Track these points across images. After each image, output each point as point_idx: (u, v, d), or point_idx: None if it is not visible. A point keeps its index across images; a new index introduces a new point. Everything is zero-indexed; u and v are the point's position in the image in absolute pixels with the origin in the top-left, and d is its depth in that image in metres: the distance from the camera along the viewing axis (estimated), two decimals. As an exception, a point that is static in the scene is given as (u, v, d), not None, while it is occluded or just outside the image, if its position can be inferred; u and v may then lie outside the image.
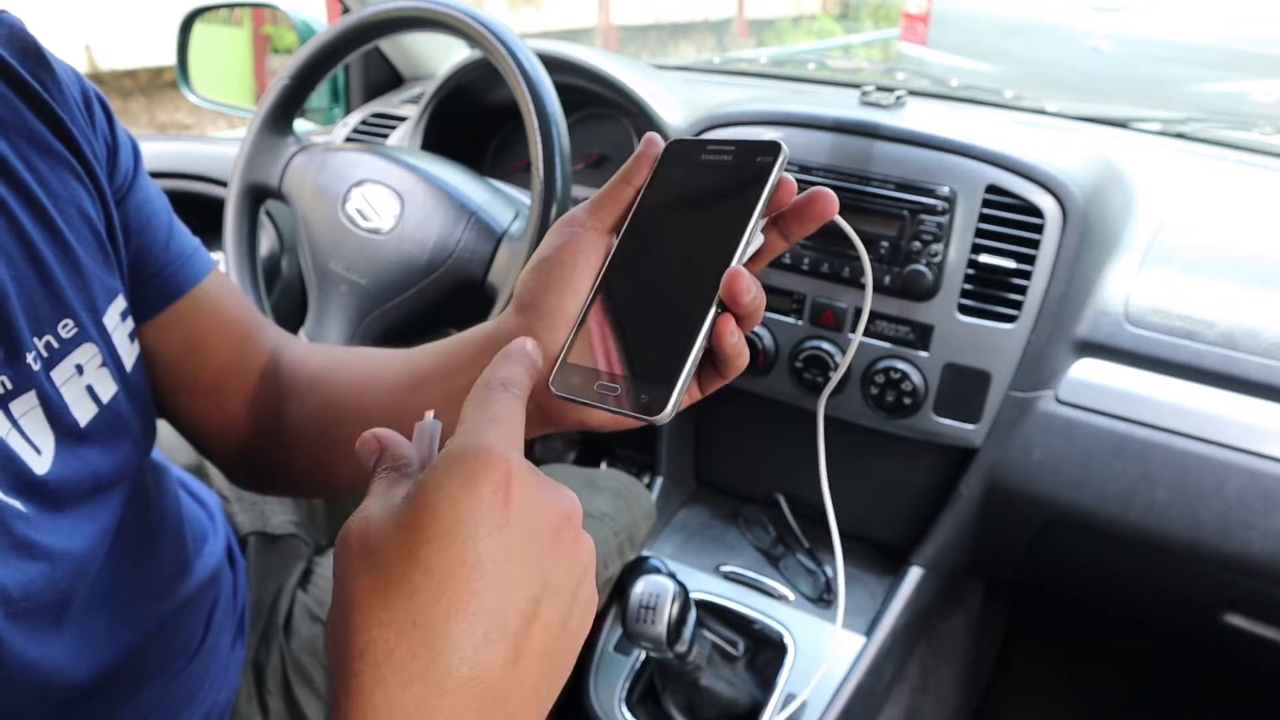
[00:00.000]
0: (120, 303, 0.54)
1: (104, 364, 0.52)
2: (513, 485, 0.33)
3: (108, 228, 0.54)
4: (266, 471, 0.66)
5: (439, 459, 0.34)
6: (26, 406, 0.46)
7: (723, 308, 0.41)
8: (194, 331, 0.61)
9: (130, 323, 0.55)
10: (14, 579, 0.44)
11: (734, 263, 0.41)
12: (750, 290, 0.40)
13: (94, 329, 0.51)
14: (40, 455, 0.47)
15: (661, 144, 0.47)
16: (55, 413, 0.48)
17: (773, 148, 0.42)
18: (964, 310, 0.91)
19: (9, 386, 0.45)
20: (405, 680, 0.30)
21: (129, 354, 0.54)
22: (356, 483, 0.65)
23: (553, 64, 0.95)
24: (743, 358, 0.43)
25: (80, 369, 0.50)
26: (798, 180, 0.93)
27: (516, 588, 0.32)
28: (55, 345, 0.48)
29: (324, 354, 0.66)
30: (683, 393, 0.40)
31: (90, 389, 0.51)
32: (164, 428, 0.88)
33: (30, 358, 0.47)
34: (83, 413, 0.50)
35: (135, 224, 0.57)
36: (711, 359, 0.43)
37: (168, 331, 0.60)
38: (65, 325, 0.49)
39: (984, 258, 0.89)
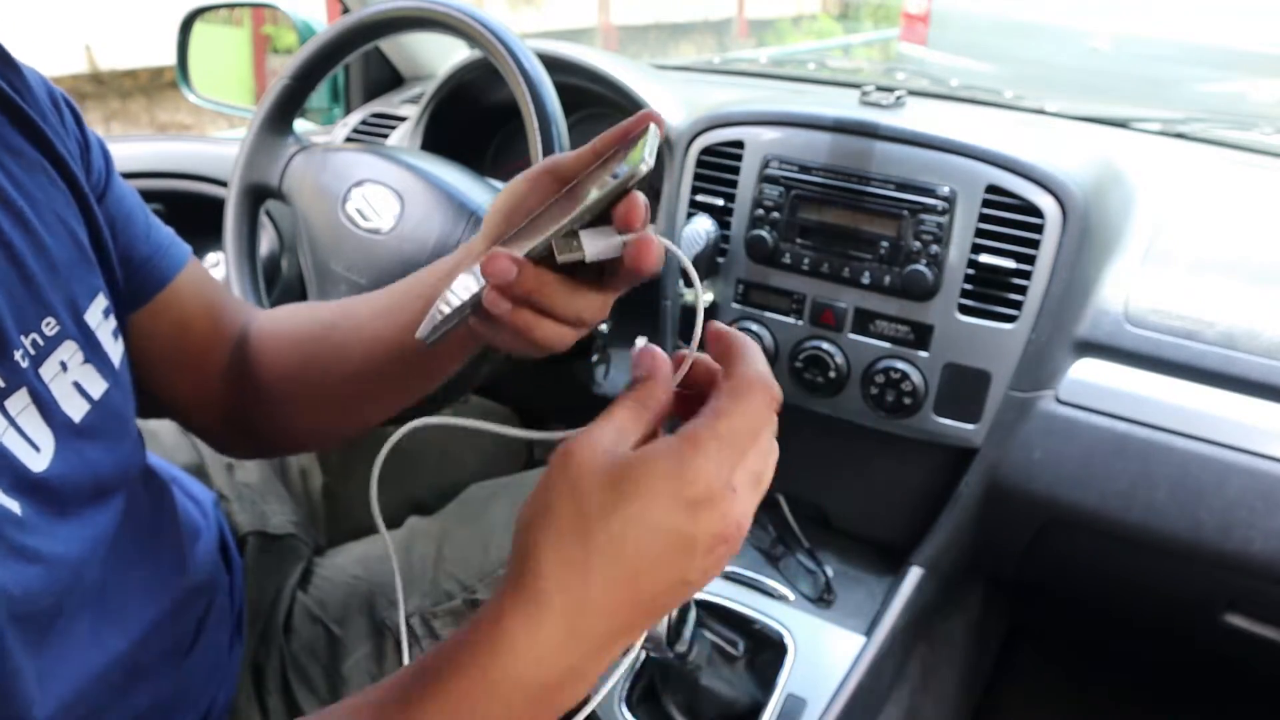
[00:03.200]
0: (102, 301, 0.54)
1: (87, 360, 0.52)
2: (710, 509, 0.38)
3: (90, 226, 0.55)
4: (251, 433, 0.69)
5: (663, 455, 0.38)
6: (21, 404, 0.47)
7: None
8: (182, 314, 0.65)
9: (113, 320, 0.56)
10: (14, 582, 0.44)
11: (528, 250, 0.44)
12: (500, 274, 0.44)
13: (74, 326, 0.52)
14: (39, 453, 0.47)
15: (647, 125, 0.48)
16: (48, 409, 0.49)
17: (633, 166, 0.43)
18: (964, 310, 0.91)
19: (2, 385, 0.46)
20: (556, 613, 0.37)
21: (115, 351, 0.55)
22: (342, 421, 0.69)
23: (553, 64, 0.95)
24: (509, 321, 0.47)
25: (64, 366, 0.51)
26: (797, 180, 0.94)
27: (675, 574, 0.39)
28: (40, 343, 0.49)
29: (290, 313, 0.71)
30: (437, 331, 0.47)
31: (78, 385, 0.52)
32: (166, 428, 0.88)
33: (19, 355, 0.47)
34: (75, 409, 0.51)
35: (118, 220, 0.59)
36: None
37: (162, 315, 0.63)
38: (48, 323, 0.50)
39: (984, 258, 0.89)
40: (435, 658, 0.39)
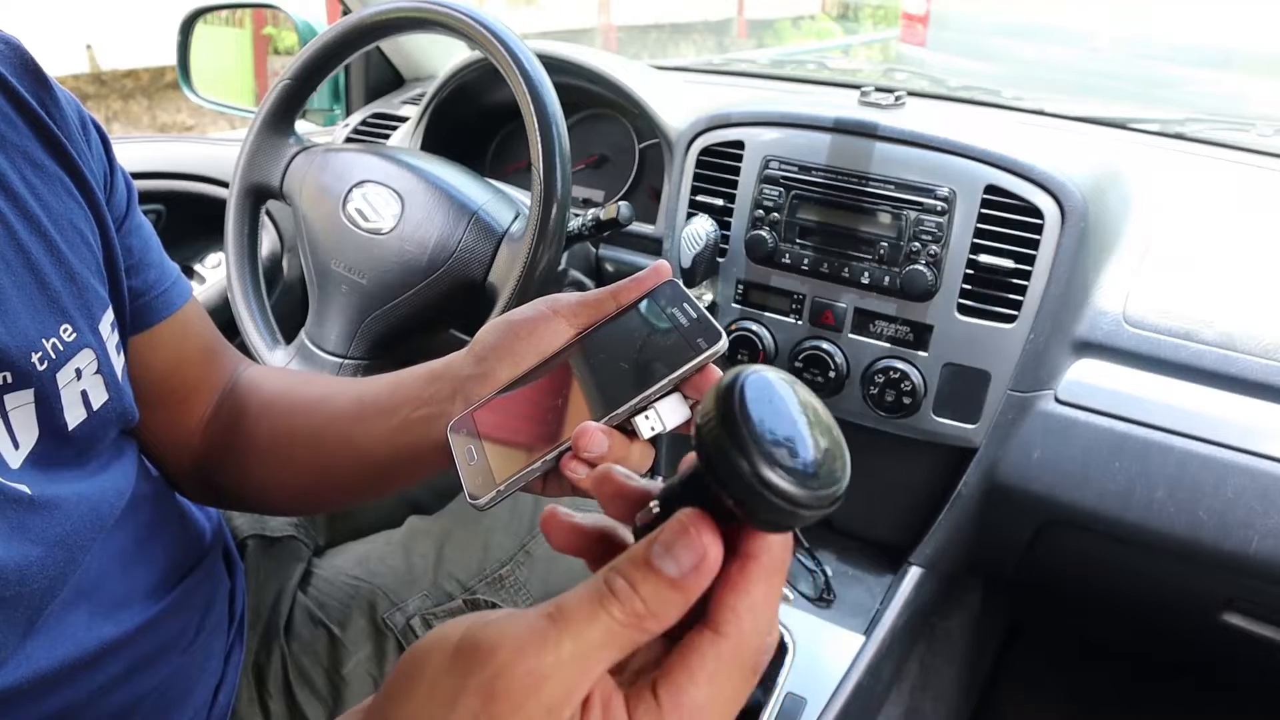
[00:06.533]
0: (110, 315, 0.55)
1: (99, 371, 0.53)
2: None
3: (105, 244, 0.56)
4: (217, 485, 0.68)
5: None
6: (20, 402, 0.48)
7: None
8: (179, 350, 0.65)
9: (117, 335, 0.57)
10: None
11: (603, 419, 0.44)
12: (594, 449, 0.43)
13: (91, 335, 0.52)
14: (16, 451, 0.48)
15: (665, 276, 0.50)
16: (48, 413, 0.49)
17: (715, 336, 0.44)
18: (963, 310, 0.91)
19: (9, 380, 0.46)
20: None
21: (118, 364, 0.56)
22: (300, 501, 0.69)
23: (553, 65, 0.95)
24: (582, 487, 0.46)
25: (79, 373, 0.51)
26: (797, 180, 0.94)
27: None
28: (60, 348, 0.50)
29: (279, 377, 0.70)
30: (504, 496, 0.44)
31: (84, 395, 0.52)
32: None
33: (36, 357, 0.48)
34: (73, 417, 0.51)
35: (133, 249, 0.60)
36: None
37: (159, 348, 0.63)
38: (66, 330, 0.50)
39: (983, 258, 0.89)
40: None
